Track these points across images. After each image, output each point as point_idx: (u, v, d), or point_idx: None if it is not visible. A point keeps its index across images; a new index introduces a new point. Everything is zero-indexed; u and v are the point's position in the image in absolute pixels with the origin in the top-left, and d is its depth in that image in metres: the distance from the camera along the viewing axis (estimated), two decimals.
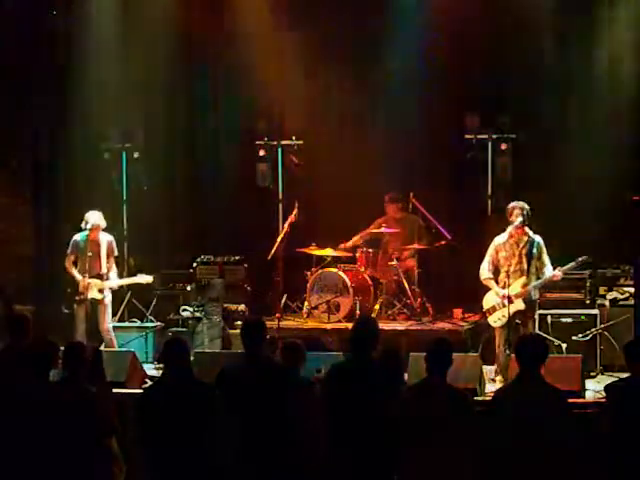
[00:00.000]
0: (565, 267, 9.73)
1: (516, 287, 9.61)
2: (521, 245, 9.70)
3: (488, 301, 9.82)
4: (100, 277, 10.40)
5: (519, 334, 9.18)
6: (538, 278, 9.67)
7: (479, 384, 9.03)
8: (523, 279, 9.63)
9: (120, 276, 10.89)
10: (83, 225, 10.42)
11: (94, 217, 10.40)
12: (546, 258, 9.71)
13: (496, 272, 9.76)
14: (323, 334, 10.87)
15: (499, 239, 9.82)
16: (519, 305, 9.61)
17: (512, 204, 9.74)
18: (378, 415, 6.29)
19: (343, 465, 6.36)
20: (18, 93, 12.51)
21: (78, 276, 10.34)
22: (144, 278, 10.83)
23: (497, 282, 9.71)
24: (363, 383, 6.42)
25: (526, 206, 9.70)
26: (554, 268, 9.67)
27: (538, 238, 9.74)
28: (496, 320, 9.71)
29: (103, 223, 10.49)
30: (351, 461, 6.33)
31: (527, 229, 9.75)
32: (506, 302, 9.48)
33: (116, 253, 10.69)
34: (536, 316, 10.01)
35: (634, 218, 10.16)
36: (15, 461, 6.22)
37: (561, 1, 12.15)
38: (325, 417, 6.47)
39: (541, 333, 9.83)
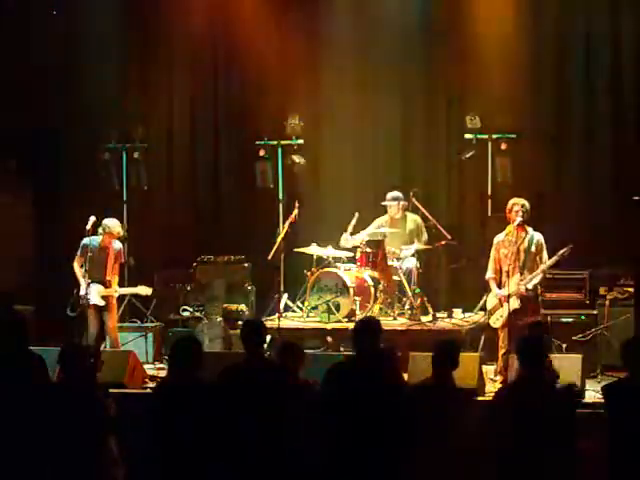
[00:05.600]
0: (549, 261, 9.66)
1: (512, 286, 9.60)
2: (519, 242, 9.69)
3: (490, 301, 9.82)
4: (104, 284, 10.36)
5: (521, 334, 9.16)
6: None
7: (479, 384, 9.04)
8: (517, 277, 9.61)
9: (121, 277, 10.85)
10: (100, 230, 10.37)
11: (111, 223, 10.36)
12: (545, 256, 9.69)
13: (500, 271, 9.74)
14: (323, 334, 10.87)
15: (498, 237, 9.82)
16: (514, 304, 9.58)
17: (512, 201, 9.74)
18: (378, 415, 6.29)
19: (343, 466, 6.36)
20: (18, 92, 12.52)
21: (82, 280, 10.29)
22: (144, 290, 10.68)
23: (501, 282, 9.70)
24: (363, 383, 6.42)
25: (525, 203, 9.69)
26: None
27: (538, 235, 9.72)
28: (495, 321, 9.71)
29: (118, 230, 10.44)
30: (351, 462, 6.33)
31: (526, 226, 9.75)
32: (504, 302, 9.50)
33: (123, 260, 10.63)
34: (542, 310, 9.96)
35: (634, 218, 10.14)
36: (15, 462, 6.23)
37: (561, 2, 12.17)
38: (324, 417, 6.47)
39: None
